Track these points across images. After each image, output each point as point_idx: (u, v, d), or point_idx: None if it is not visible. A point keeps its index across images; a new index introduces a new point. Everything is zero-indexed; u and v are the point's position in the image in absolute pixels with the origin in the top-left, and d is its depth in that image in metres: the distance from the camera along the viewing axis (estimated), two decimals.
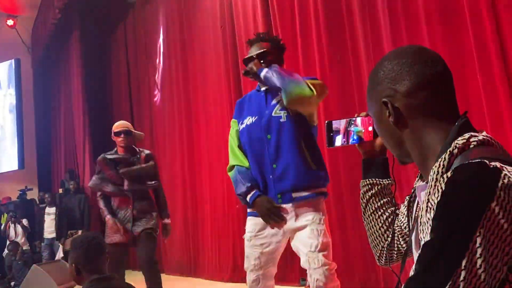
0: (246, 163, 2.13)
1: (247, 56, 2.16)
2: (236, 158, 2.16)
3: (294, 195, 2.01)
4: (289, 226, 2.02)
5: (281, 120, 2.06)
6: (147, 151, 3.40)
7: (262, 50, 2.12)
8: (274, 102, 2.11)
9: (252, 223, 2.11)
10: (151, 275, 3.27)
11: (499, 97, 2.49)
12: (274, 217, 2.00)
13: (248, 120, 2.14)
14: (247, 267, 2.11)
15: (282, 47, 2.22)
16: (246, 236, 2.12)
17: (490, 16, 2.51)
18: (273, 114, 2.08)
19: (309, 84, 1.95)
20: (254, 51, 2.15)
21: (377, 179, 1.12)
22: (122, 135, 3.27)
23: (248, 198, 2.06)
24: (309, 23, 3.80)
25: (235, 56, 4.67)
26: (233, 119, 2.25)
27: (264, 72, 2.05)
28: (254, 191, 2.05)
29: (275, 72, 2.02)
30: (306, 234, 1.98)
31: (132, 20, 7.19)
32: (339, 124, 1.11)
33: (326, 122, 1.10)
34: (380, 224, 1.11)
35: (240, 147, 2.17)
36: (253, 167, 2.10)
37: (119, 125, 3.33)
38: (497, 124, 2.49)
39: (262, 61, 2.10)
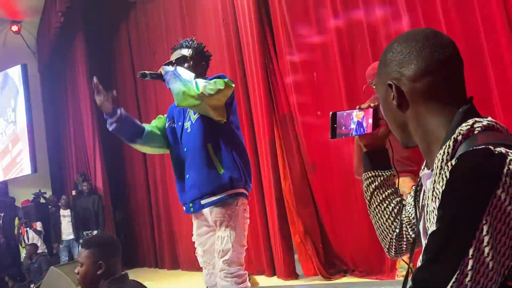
0: (150, 127, 2.29)
1: (166, 62, 2.24)
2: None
3: (203, 201, 2.11)
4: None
5: (188, 131, 2.18)
6: None
7: (180, 56, 2.21)
8: (187, 112, 2.22)
9: (194, 224, 2.27)
10: None
11: (509, 79, 2.46)
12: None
13: (173, 123, 2.27)
14: (200, 264, 2.27)
15: (204, 53, 2.30)
16: (193, 237, 2.29)
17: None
18: (184, 127, 2.20)
19: (198, 83, 1.99)
20: (174, 56, 2.24)
21: (379, 170, 1.11)
22: None
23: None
24: (317, 12, 3.75)
25: (239, 50, 4.64)
26: (161, 115, 2.36)
27: (165, 76, 2.11)
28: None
29: (172, 74, 2.07)
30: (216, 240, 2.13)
31: (134, 19, 7.19)
32: (342, 115, 1.10)
33: (331, 113, 1.09)
34: (386, 216, 1.10)
35: (156, 128, 2.30)
36: (175, 172, 2.25)
37: None
38: (508, 105, 2.46)
39: (180, 66, 2.17)
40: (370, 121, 1.09)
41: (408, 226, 1.08)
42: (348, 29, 3.53)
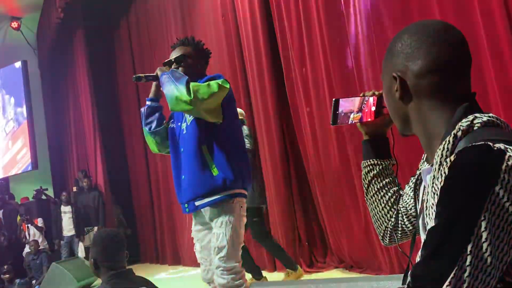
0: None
1: (166, 60, 2.24)
2: None
3: (197, 203, 2.12)
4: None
5: (183, 132, 2.18)
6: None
7: (180, 54, 2.21)
8: (185, 114, 2.21)
9: (193, 220, 2.27)
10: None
11: (509, 73, 2.44)
12: None
13: (172, 124, 2.27)
14: (198, 260, 2.28)
15: (203, 51, 2.29)
16: (192, 233, 2.30)
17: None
18: (181, 128, 2.20)
19: (190, 88, 1.98)
20: (173, 55, 2.23)
21: (378, 159, 1.11)
22: None
23: None
24: (310, 4, 3.72)
25: (238, 44, 4.63)
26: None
27: (161, 78, 2.10)
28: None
29: (166, 77, 2.06)
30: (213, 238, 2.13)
31: (134, 14, 7.18)
32: (345, 102, 1.10)
33: (334, 99, 1.10)
34: (383, 205, 1.11)
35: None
36: (173, 171, 2.24)
37: None
38: (508, 102, 2.45)
39: (180, 65, 2.19)
40: (373, 109, 1.09)
41: (404, 216, 1.09)
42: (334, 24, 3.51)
